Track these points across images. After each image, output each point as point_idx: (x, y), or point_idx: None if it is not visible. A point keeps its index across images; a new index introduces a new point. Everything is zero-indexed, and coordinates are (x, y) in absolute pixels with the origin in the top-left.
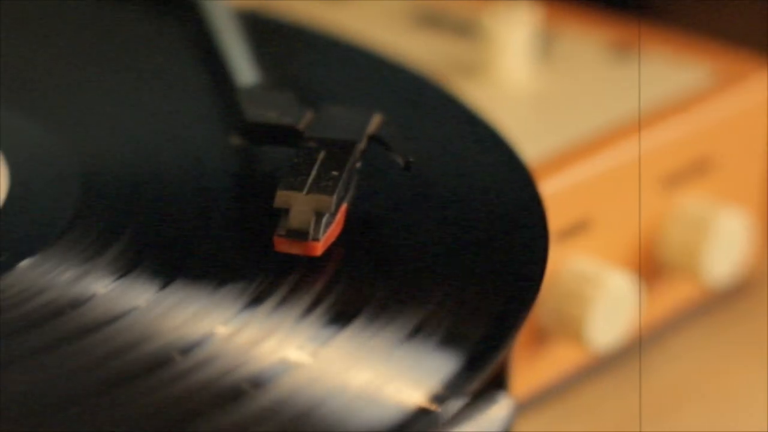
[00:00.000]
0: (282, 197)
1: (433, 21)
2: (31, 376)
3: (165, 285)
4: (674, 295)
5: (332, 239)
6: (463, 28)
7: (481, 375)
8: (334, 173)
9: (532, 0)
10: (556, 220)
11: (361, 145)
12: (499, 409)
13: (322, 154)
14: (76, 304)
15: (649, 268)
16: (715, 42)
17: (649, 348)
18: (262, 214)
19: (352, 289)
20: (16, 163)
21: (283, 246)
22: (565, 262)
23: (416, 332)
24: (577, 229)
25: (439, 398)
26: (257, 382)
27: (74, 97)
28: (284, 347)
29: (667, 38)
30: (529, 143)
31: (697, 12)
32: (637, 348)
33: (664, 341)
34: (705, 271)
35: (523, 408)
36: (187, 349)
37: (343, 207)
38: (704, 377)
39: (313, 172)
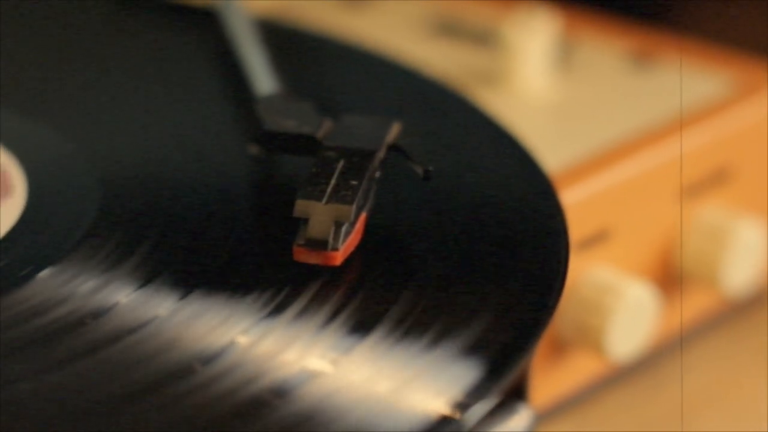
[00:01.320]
0: (301, 206)
1: (451, 29)
2: (52, 386)
3: (186, 294)
4: (693, 305)
5: (352, 249)
6: (482, 37)
7: (502, 383)
8: (354, 182)
9: (551, 9)
10: (575, 230)
11: (381, 154)
12: (519, 420)
13: (341, 164)
14: (97, 314)
15: (668, 278)
16: (734, 51)
17: (668, 358)
18: (281, 224)
19: (372, 299)
20: (35, 172)
21: (303, 256)
22: (585, 272)
23: (437, 341)
24: (596, 239)
25: (461, 406)
26: (279, 392)
27: (93, 106)
28: (305, 357)
29: (686, 47)
30: (549, 153)
31: (716, 21)
32: (656, 358)
33: (682, 351)
34: (723, 280)
35: (542, 418)
36: (208, 359)
37: (363, 216)
38: (722, 387)
39: (333, 182)
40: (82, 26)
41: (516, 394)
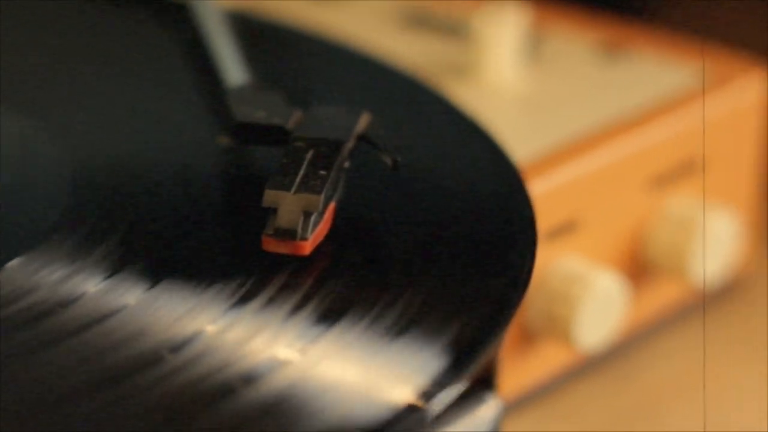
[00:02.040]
0: (270, 196)
1: (421, 22)
2: (20, 375)
3: (154, 284)
4: (662, 296)
5: (320, 238)
6: (452, 29)
7: (468, 372)
8: (322, 173)
9: (520, 1)
10: (544, 220)
11: (350, 145)
12: (487, 409)
13: (310, 154)
14: (66, 303)
15: (637, 268)
16: (704, 42)
17: (637, 348)
18: (250, 214)
19: (340, 288)
20: (4, 161)
21: (272, 245)
22: (554, 262)
23: (404, 330)
24: (565, 230)
25: (427, 395)
26: (247, 380)
27: (63, 97)
28: (273, 345)
29: (656, 39)
30: (518, 144)
31: (686, 12)
32: (625, 348)
33: (651, 341)
34: (693, 271)
35: (510, 408)
36: (177, 347)
37: (331, 206)
38: (692, 378)
39: (301, 172)
40: (48, 17)
41: (484, 384)
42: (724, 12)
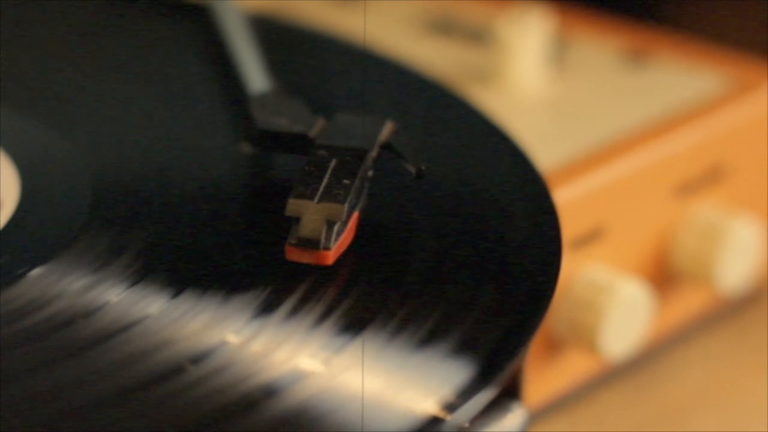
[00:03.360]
0: (293, 205)
1: (445, 27)
2: (42, 385)
3: (177, 293)
4: (687, 303)
5: (343, 248)
6: (476, 35)
7: (494, 383)
8: (346, 181)
9: (545, 6)
10: (569, 228)
11: (373, 153)
12: (513, 418)
13: (333, 162)
14: (88, 312)
15: (662, 276)
16: (729, 49)
17: (662, 356)
18: (273, 223)
19: (363, 298)
20: (26, 170)
21: (295, 255)
22: (579, 270)
23: (428, 340)
24: (590, 238)
25: (452, 407)
26: (269, 391)
27: (85, 103)
28: (296, 356)
29: (681, 45)
30: (543, 151)
31: (711, 19)
32: (650, 356)
33: (676, 350)
34: (718, 279)
35: (536, 417)
36: (198, 358)
37: (355, 215)
38: (717, 386)
39: (325, 181)
40: (73, 22)
41: (510, 393)
42: (747, 18)
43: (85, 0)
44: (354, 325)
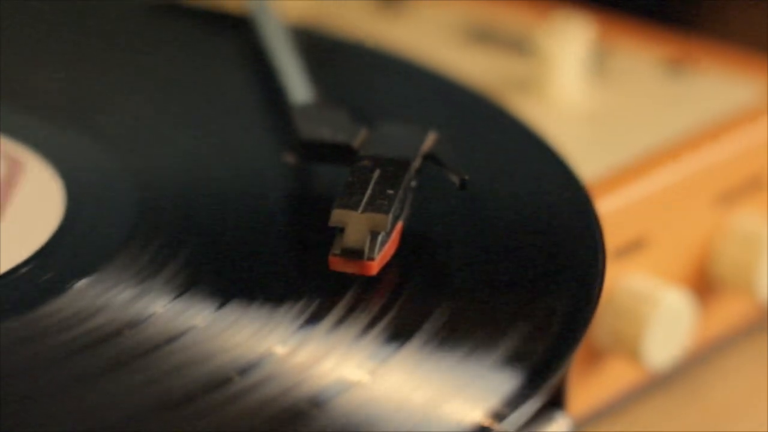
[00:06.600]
0: (337, 216)
1: (486, 37)
2: (88, 397)
3: (222, 304)
4: (729, 312)
5: (387, 258)
6: (517, 45)
7: (540, 393)
8: (390, 192)
9: (585, 16)
10: (612, 238)
11: (416, 164)
12: (557, 428)
13: (377, 173)
14: (134, 324)
15: (704, 285)
16: None
17: (704, 365)
18: (317, 233)
19: (409, 308)
20: (72, 182)
21: (339, 265)
22: (622, 280)
23: (474, 351)
24: (632, 248)
25: (499, 416)
26: (316, 402)
27: (129, 115)
28: (342, 366)
29: (721, 54)
30: (584, 161)
31: (752, 27)
32: (693, 366)
33: (719, 358)
34: (759, 287)
35: (580, 426)
36: (245, 369)
37: (399, 225)
38: (759, 394)
39: (369, 191)
40: (118, 34)
41: (554, 402)
42: None
43: (130, 14)
44: (399, 335)
